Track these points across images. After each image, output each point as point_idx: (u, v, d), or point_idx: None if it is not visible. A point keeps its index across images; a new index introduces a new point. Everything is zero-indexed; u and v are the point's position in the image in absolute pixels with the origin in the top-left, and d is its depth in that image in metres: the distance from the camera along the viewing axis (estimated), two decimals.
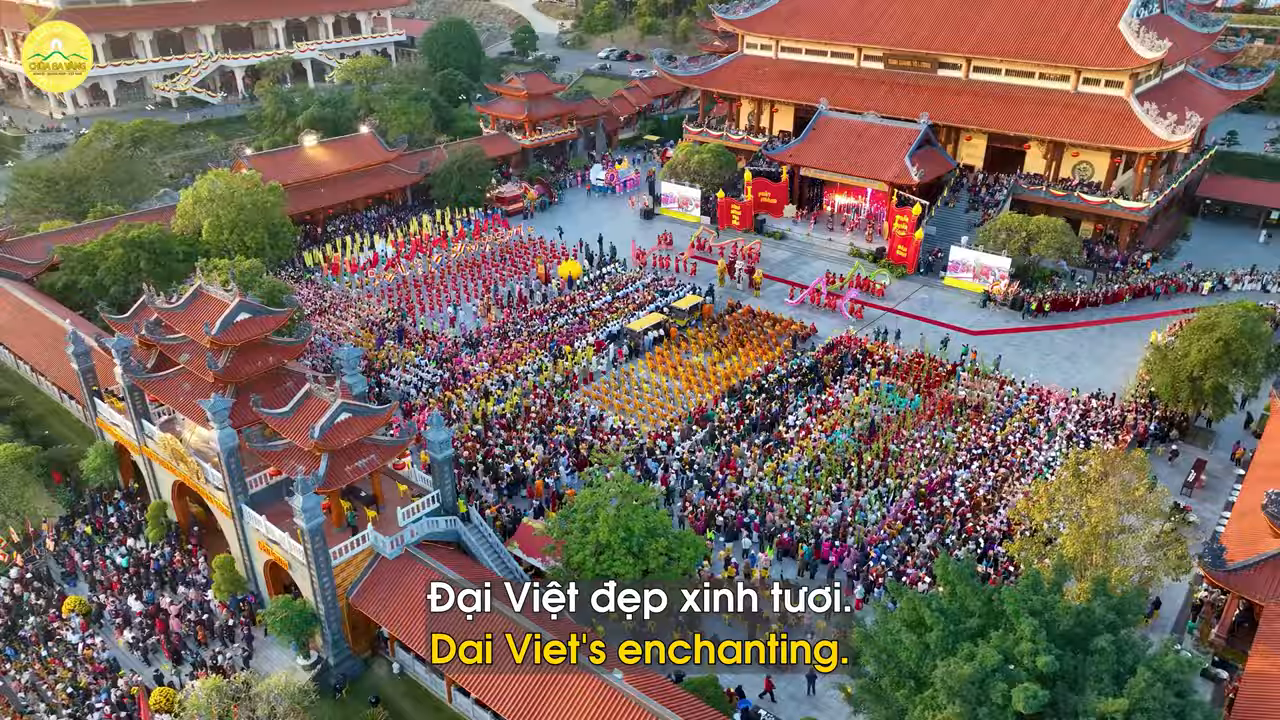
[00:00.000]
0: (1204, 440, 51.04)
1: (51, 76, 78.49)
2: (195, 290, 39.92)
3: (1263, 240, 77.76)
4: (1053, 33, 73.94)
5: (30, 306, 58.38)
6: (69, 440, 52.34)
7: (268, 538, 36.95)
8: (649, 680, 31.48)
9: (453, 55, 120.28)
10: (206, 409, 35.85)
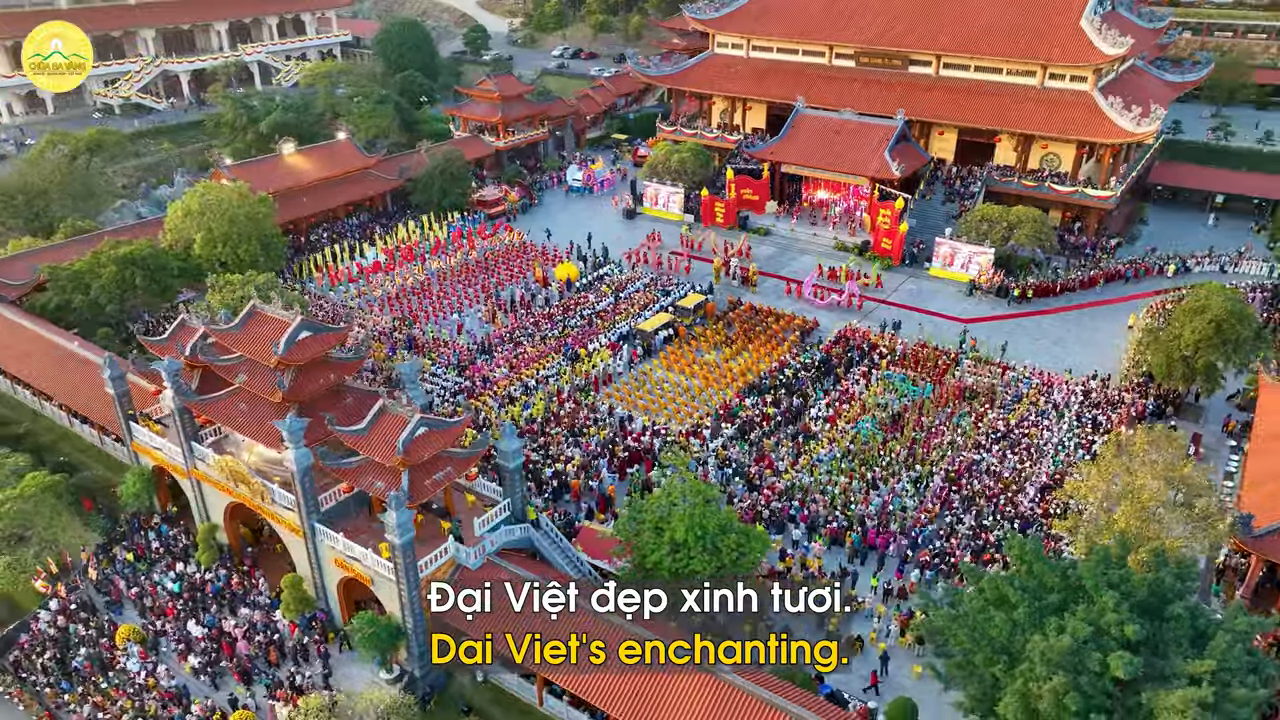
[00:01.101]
0: (1194, 415, 54.59)
1: (51, 76, 75.83)
2: (250, 310, 39.57)
3: (1211, 223, 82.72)
4: (1019, 30, 77.31)
5: (25, 328, 56.52)
6: (86, 465, 51.11)
7: (346, 555, 37.08)
8: (756, 674, 32.76)
9: (408, 56, 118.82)
10: (281, 429, 35.82)
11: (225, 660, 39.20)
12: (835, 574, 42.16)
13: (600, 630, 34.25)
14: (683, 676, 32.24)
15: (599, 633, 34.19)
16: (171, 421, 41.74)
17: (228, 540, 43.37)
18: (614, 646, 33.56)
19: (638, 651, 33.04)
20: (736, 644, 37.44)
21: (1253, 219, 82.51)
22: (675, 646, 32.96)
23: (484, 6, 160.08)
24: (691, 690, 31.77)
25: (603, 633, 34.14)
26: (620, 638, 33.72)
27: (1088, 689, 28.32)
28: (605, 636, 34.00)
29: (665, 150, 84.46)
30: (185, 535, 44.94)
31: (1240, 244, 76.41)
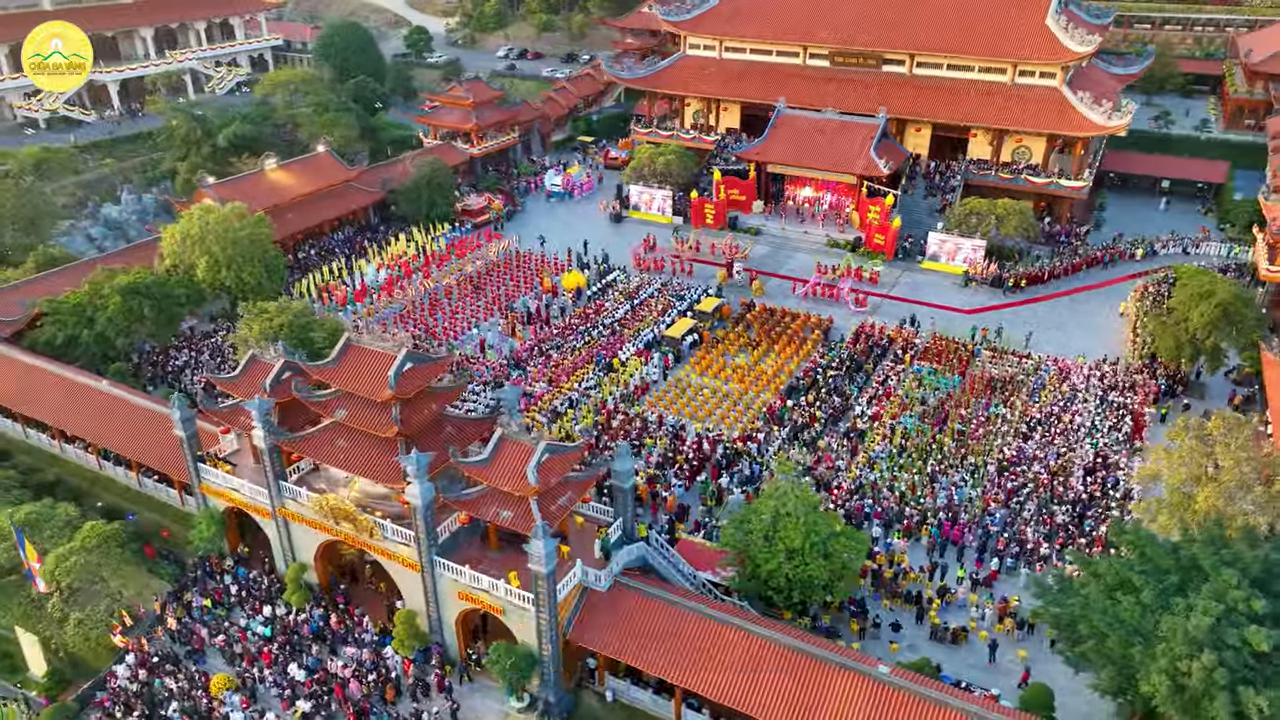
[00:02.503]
0: (1199, 392, 58.54)
1: (51, 76, 72.66)
2: (345, 344, 38.63)
3: (1163, 207, 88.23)
4: (988, 29, 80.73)
5: (39, 368, 53.46)
6: (129, 510, 48.88)
7: (473, 587, 36.76)
8: (903, 671, 34.10)
9: (353, 60, 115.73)
10: (406, 465, 35.28)
11: (336, 703, 38.36)
12: (924, 568, 43.88)
13: (740, 640, 35.16)
14: (836, 679, 33.25)
15: (739, 642, 35.13)
16: (262, 461, 40.34)
17: (317, 579, 42.26)
18: (758, 654, 34.57)
19: (786, 658, 34.16)
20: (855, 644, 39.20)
21: (1199, 202, 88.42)
22: (826, 650, 34.19)
23: (414, 6, 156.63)
24: (847, 692, 32.78)
25: (744, 642, 35.07)
26: (763, 646, 34.71)
27: (1232, 663, 30.59)
28: (747, 646, 34.97)
29: (649, 153, 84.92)
30: (265, 576, 43.52)
31: (1190, 226, 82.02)
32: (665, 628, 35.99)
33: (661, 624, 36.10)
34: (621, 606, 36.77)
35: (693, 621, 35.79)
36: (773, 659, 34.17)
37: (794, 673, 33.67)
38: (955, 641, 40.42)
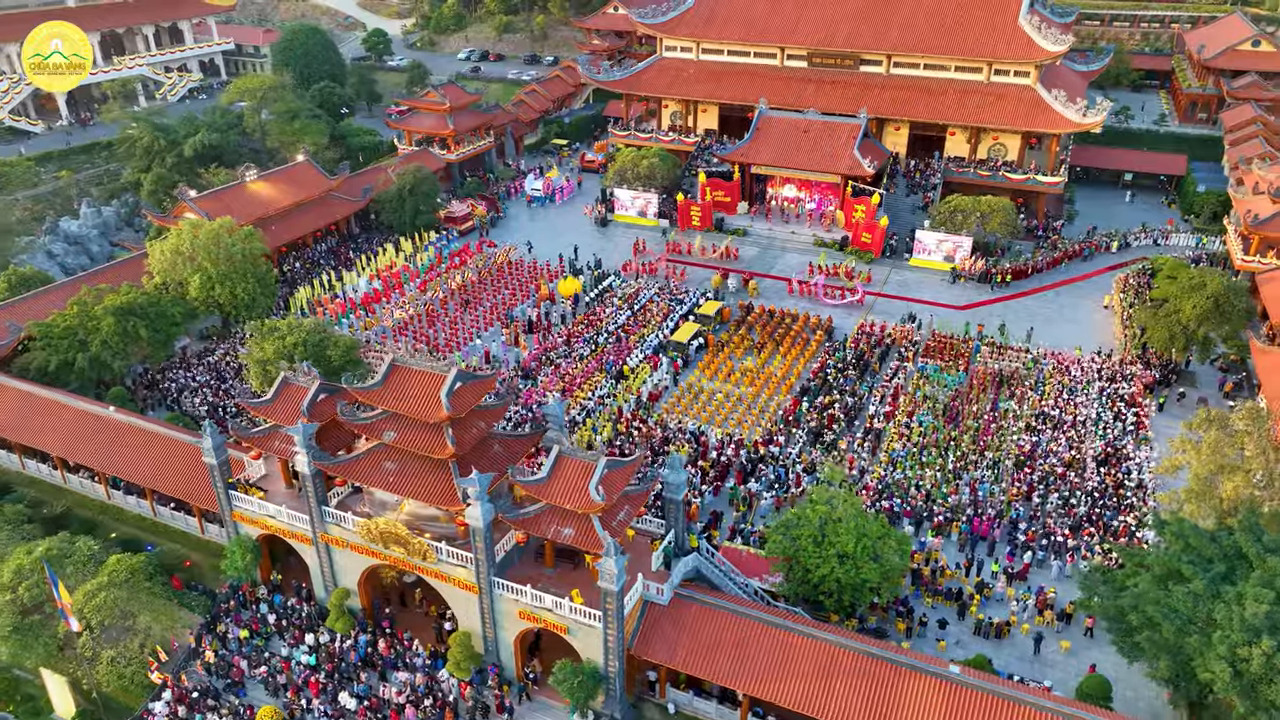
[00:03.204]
0: (1190, 381, 60.75)
1: (51, 76, 71.31)
2: (390, 365, 37.89)
3: (1128, 200, 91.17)
4: (963, 30, 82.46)
5: (38, 396, 51.38)
6: (146, 540, 47.38)
7: (535, 606, 36.47)
8: (977, 671, 34.82)
9: (314, 65, 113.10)
10: (467, 486, 34.89)
11: None
12: (960, 565, 44.80)
13: (809, 647, 35.53)
14: (909, 682, 33.82)
15: (808, 649, 35.49)
16: (302, 486, 39.38)
17: (361, 604, 41.46)
18: (829, 660, 34.98)
19: (858, 662, 34.63)
20: (905, 643, 39.88)
21: (1161, 194, 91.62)
22: (897, 653, 34.72)
23: (366, 8, 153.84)
24: (921, 694, 33.37)
25: (813, 649, 35.45)
26: (833, 651, 35.12)
27: None
28: (816, 652, 35.35)
29: (632, 156, 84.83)
30: (304, 604, 42.54)
31: (1154, 217, 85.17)
32: (730, 638, 36.17)
33: (726, 634, 36.28)
34: (684, 619, 36.84)
35: (758, 630, 36.04)
36: (844, 664, 34.62)
37: (867, 677, 34.16)
38: (999, 636, 41.38)
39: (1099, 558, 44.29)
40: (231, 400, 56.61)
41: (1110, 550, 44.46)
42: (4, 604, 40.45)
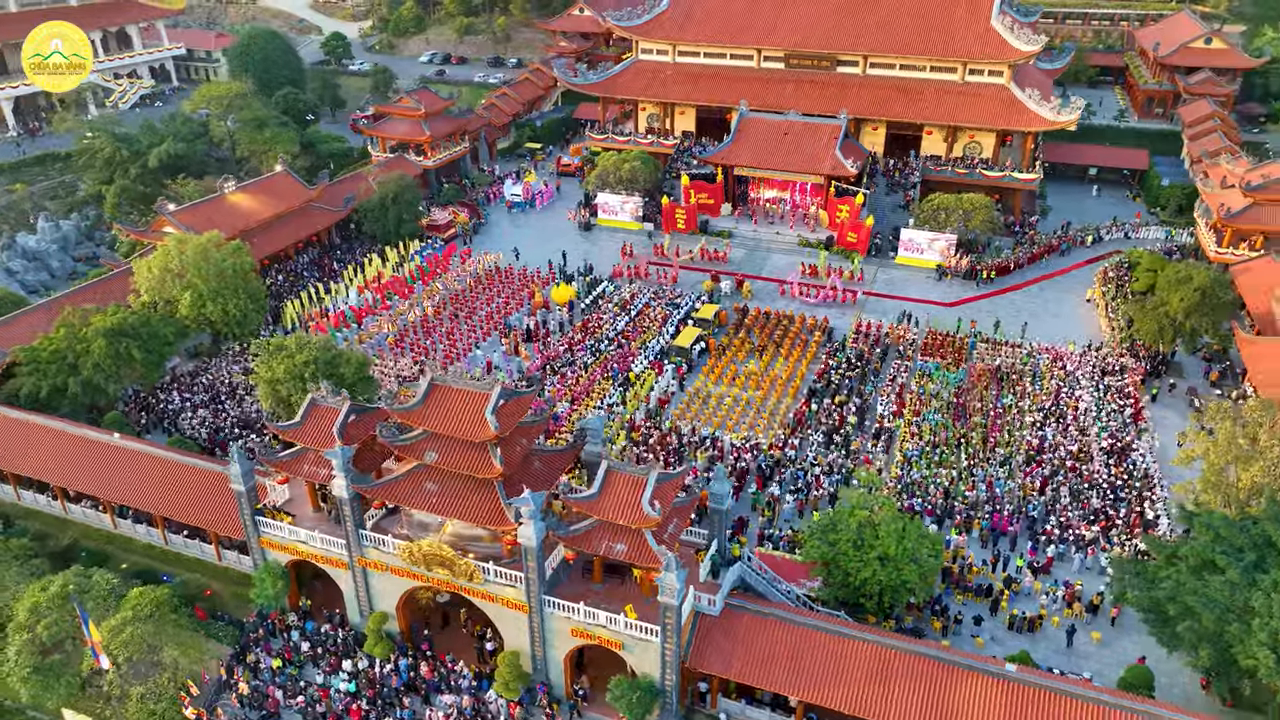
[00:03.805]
0: (1178, 372, 62.67)
1: (52, 76, 71.54)
2: (430, 384, 37.21)
3: (1095, 194, 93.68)
4: (938, 31, 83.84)
5: (34, 424, 49.39)
6: (160, 570, 45.89)
7: (587, 623, 36.19)
8: (1032, 668, 35.46)
9: (273, 71, 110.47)
10: (519, 505, 34.48)
11: None
12: (987, 561, 45.61)
13: (865, 651, 35.86)
14: (967, 682, 34.34)
15: (864, 654, 35.83)
16: (340, 510, 38.48)
17: (399, 628, 40.68)
18: (885, 664, 35.36)
19: (914, 665, 35.06)
20: (944, 641, 40.50)
21: (1126, 188, 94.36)
22: (953, 654, 35.22)
23: (319, 10, 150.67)
24: (980, 694, 33.89)
25: (868, 653, 35.79)
26: (889, 655, 35.51)
27: None
28: (872, 656, 35.71)
29: (614, 159, 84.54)
30: (340, 629, 41.59)
31: (1121, 211, 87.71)
32: (784, 645, 36.32)
33: (779, 642, 36.42)
34: (736, 629, 36.89)
35: (812, 637, 36.25)
36: (900, 667, 35.01)
37: (923, 679, 34.59)
38: (1032, 630, 42.24)
39: (1118, 549, 45.53)
40: (229, 420, 55.18)
41: (1126, 542, 45.74)
42: (22, 644, 39.03)
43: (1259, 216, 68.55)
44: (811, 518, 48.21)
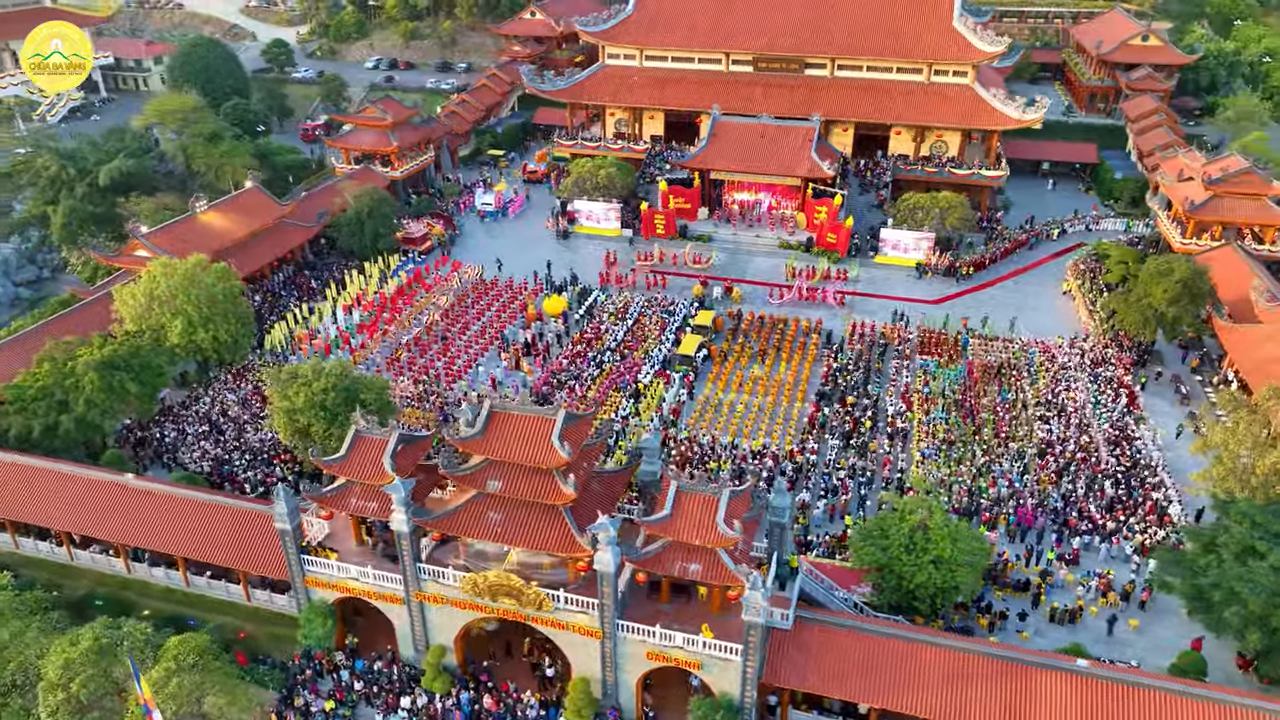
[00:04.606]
0: (1159, 360, 65.27)
1: (52, 76, 71.25)
2: (489, 411, 36.36)
3: (1051, 188, 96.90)
4: (903, 32, 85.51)
5: (35, 468, 46.69)
6: (185, 614, 43.88)
7: (663, 645, 35.90)
8: (1101, 662, 36.49)
9: (217, 80, 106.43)
10: (596, 531, 34.00)
11: None
12: (1020, 555, 46.80)
13: (937, 656, 36.43)
14: (1041, 680, 35.15)
15: (936, 658, 36.40)
16: (399, 545, 37.31)
17: (456, 661, 39.70)
18: (959, 667, 36.00)
19: (988, 666, 35.77)
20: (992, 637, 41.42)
21: (1078, 181, 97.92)
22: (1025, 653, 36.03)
23: (252, 16, 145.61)
24: (1055, 691, 34.74)
25: (941, 657, 36.38)
26: (962, 658, 36.17)
27: None
28: (945, 660, 36.30)
29: (589, 165, 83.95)
30: (392, 666, 40.37)
31: (1076, 204, 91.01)
32: (855, 654, 36.63)
33: (851, 651, 36.71)
34: (807, 641, 37.01)
35: (883, 644, 36.64)
36: (973, 669, 35.66)
37: (997, 679, 35.31)
38: (1073, 621, 43.53)
39: (1140, 537, 47.24)
40: (234, 451, 53.08)
41: (1147, 530, 47.49)
42: (58, 704, 36.77)
43: (1219, 208, 71.88)
44: (843, 522, 49.08)
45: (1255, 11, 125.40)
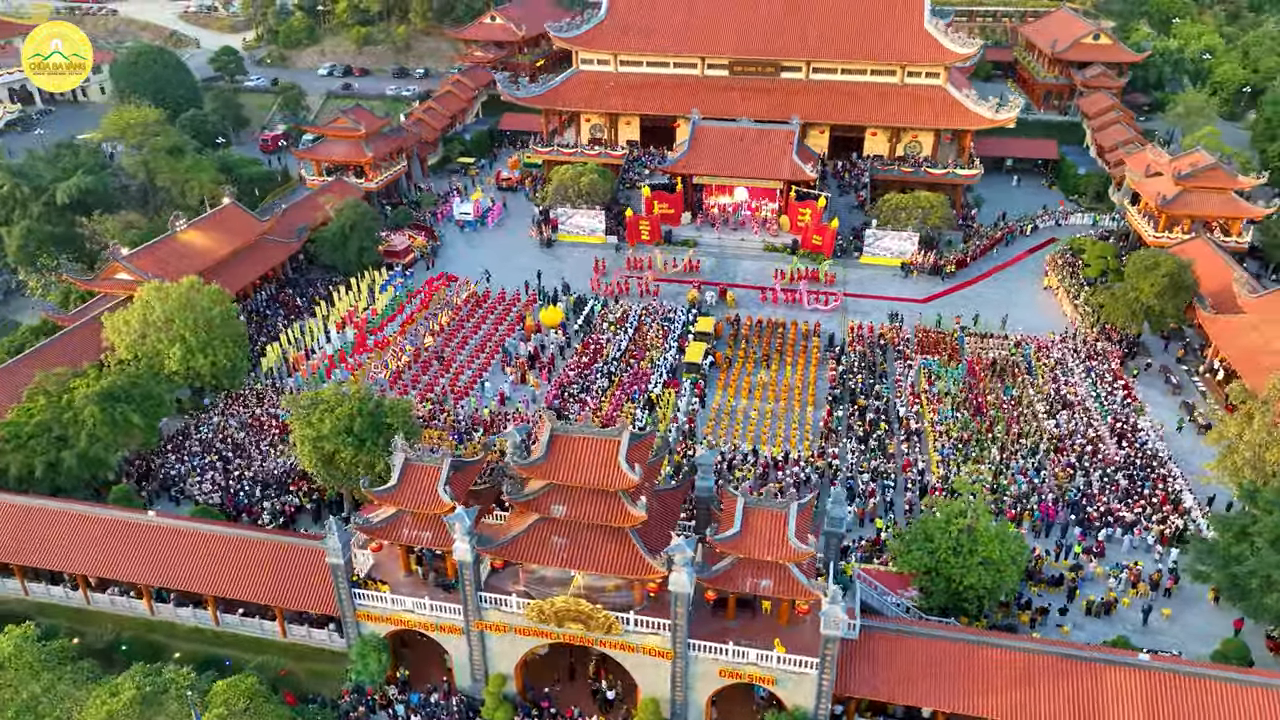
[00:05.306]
0: (1146, 352, 67.44)
1: (52, 76, 71.37)
2: (551, 435, 35.70)
3: (1015, 184, 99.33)
4: (876, 35, 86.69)
5: (51, 510, 44.40)
6: (217, 654, 42.20)
7: (737, 663, 35.76)
8: (1160, 655, 37.51)
9: (167, 91, 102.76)
10: (672, 553, 33.69)
11: None
12: (1050, 551, 47.85)
13: (1003, 658, 37.05)
14: (1107, 676, 35.98)
15: (1002, 660, 37.01)
16: (462, 575, 36.40)
17: (515, 689, 38.93)
18: (1025, 667, 36.66)
19: (1054, 665, 36.50)
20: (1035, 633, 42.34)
21: (1040, 177, 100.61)
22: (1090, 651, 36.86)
23: (191, 22, 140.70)
24: (1121, 686, 35.60)
25: (1007, 659, 37.00)
26: (1027, 659, 36.83)
27: None
28: (1010, 661, 36.95)
29: (571, 173, 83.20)
30: (448, 698, 39.39)
31: (1041, 199, 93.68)
32: (922, 660, 37.02)
33: (917, 657, 37.09)
34: (874, 649, 37.27)
35: (948, 649, 37.10)
36: (1039, 668, 36.35)
37: (1064, 677, 36.04)
38: (1109, 613, 44.68)
39: (1158, 527, 48.73)
40: (245, 481, 51.23)
41: (1166, 519, 49.03)
42: None
43: (1189, 203, 74.42)
44: (873, 525, 49.58)
45: (1191, 10, 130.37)
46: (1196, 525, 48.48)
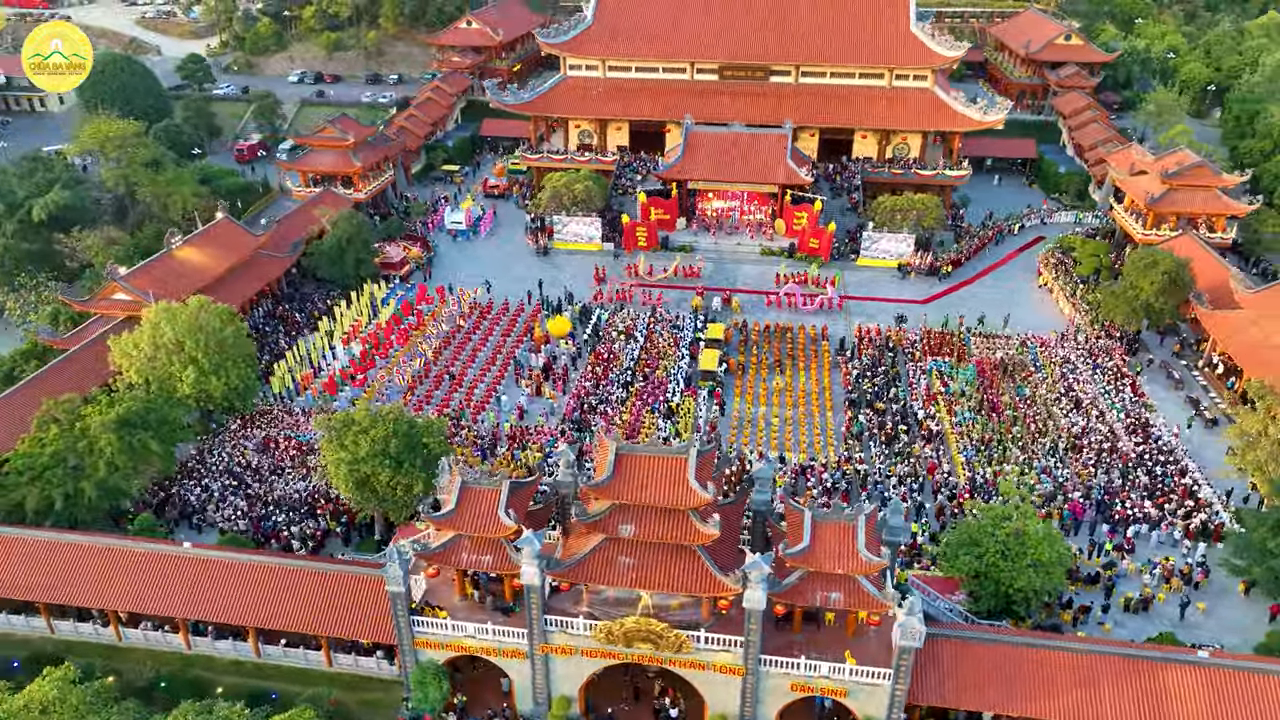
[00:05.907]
0: (1143, 348, 68.92)
1: (52, 76, 68.91)
2: (616, 455, 35.25)
3: (997, 183, 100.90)
4: (864, 39, 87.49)
5: (82, 545, 42.64)
6: (261, 687, 41.00)
7: (809, 676, 35.69)
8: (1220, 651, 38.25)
9: (135, 100, 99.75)
10: (749, 570, 33.50)
11: None
12: (1083, 549, 48.60)
13: (1066, 660, 37.51)
14: (1168, 674, 36.56)
15: (1065, 662, 37.47)
16: (527, 599, 35.77)
17: (578, 710, 38.41)
18: (1088, 669, 37.16)
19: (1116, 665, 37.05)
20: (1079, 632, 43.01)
21: (1020, 176, 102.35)
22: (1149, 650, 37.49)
23: (150, 28, 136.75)
24: (1183, 683, 36.22)
25: (1070, 661, 37.47)
26: (1090, 660, 37.34)
27: None
28: (1074, 664, 37.42)
29: (565, 180, 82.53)
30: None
31: (1023, 198, 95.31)
32: (988, 665, 37.27)
33: (983, 662, 37.32)
34: (939, 656, 37.41)
35: (1011, 653, 37.37)
36: (1103, 669, 36.80)
37: (1127, 677, 36.57)
38: (1146, 609, 45.52)
39: (1183, 522, 49.79)
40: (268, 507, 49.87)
41: (1192, 513, 50.12)
42: None
43: (1175, 200, 76.25)
44: (909, 529, 49.86)
45: (1152, 10, 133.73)
46: (1219, 519, 49.65)
